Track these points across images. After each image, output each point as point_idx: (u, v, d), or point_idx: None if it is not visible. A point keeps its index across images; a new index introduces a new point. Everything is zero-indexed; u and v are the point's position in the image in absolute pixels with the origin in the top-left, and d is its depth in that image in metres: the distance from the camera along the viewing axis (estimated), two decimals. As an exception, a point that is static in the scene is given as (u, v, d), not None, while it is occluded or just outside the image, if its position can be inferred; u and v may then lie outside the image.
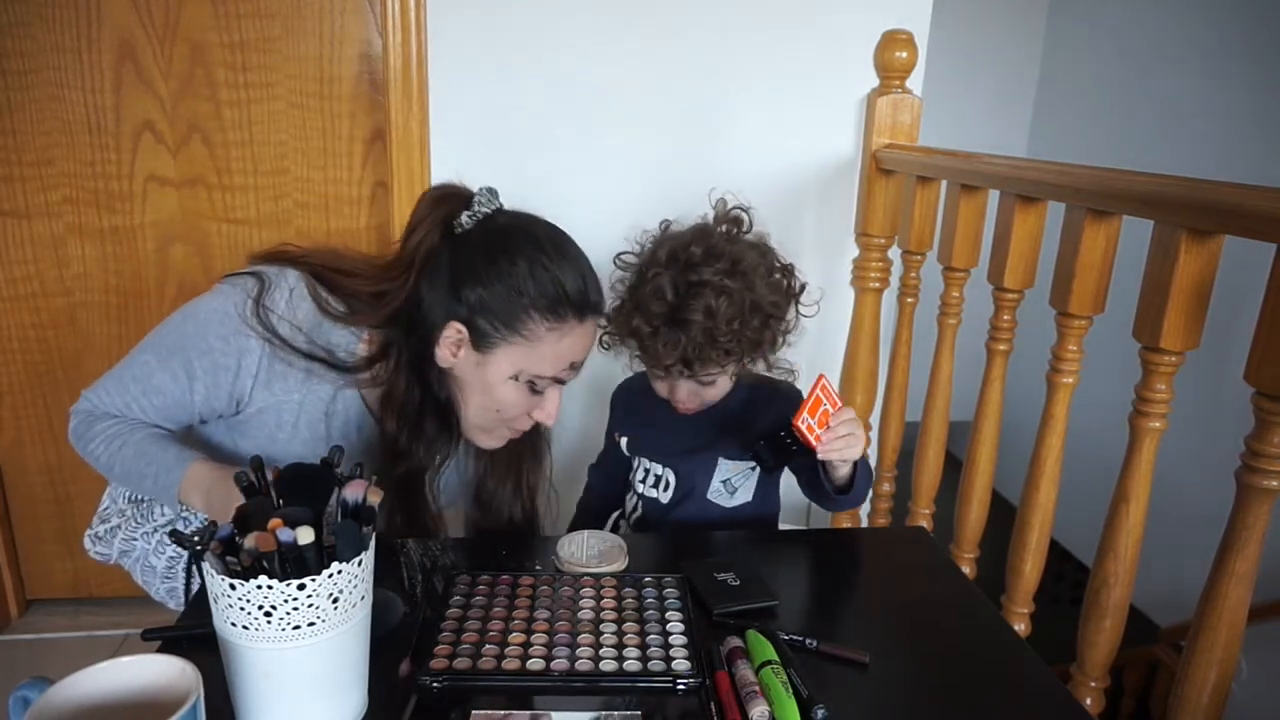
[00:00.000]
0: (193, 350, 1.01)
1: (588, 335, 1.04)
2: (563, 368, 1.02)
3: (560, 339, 1.00)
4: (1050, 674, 0.84)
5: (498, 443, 1.10)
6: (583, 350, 1.04)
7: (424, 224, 1.02)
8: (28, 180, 1.73)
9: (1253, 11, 2.46)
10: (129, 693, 0.62)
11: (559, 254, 1.00)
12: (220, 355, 1.00)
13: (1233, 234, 0.87)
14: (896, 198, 1.62)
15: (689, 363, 1.04)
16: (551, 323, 0.99)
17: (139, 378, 1.03)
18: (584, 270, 1.02)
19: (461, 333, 1.00)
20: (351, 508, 0.73)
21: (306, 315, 1.02)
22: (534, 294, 0.98)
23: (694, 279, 1.02)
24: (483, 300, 0.98)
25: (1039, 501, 1.18)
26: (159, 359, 1.02)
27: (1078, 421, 1.19)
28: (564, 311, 0.99)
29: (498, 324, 0.99)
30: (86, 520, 1.96)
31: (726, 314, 1.02)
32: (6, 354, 1.83)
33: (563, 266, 0.99)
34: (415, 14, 1.59)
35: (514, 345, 1.00)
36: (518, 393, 1.03)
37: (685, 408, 1.13)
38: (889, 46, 1.56)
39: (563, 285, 0.98)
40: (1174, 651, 2.32)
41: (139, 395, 1.03)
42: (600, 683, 0.79)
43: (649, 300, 1.04)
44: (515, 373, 1.01)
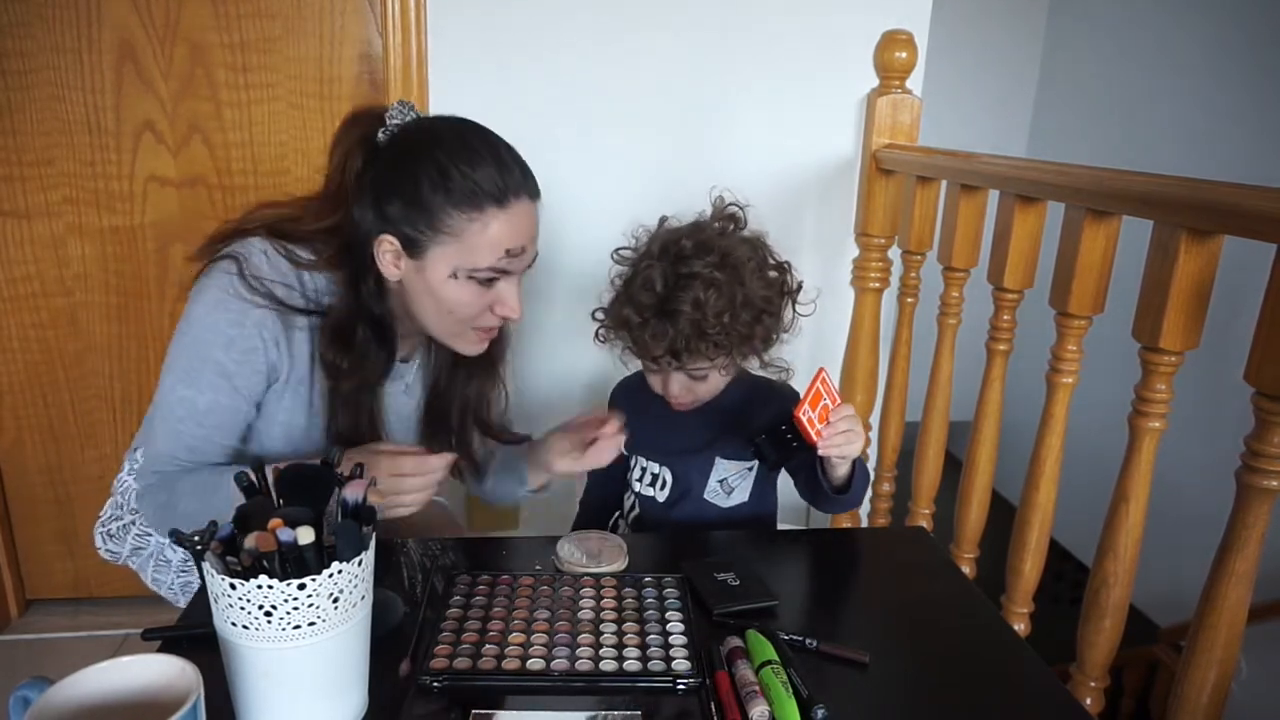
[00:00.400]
0: (215, 351, 1.00)
1: (516, 220, 1.01)
2: (499, 257, 1.01)
3: (485, 228, 0.99)
4: (1050, 674, 0.84)
5: (473, 346, 1.09)
6: (514, 236, 1.01)
7: (341, 147, 1.02)
8: (28, 180, 1.73)
9: (1253, 11, 2.46)
10: (129, 693, 0.62)
11: (464, 146, 1.00)
12: (241, 340, 1.00)
13: (1233, 234, 0.87)
14: (896, 198, 1.62)
15: (677, 354, 1.05)
16: (470, 213, 0.98)
17: (185, 415, 1.02)
18: (496, 156, 1.01)
19: (394, 244, 1.01)
20: (351, 508, 0.73)
21: (287, 272, 1.02)
22: (446, 189, 0.98)
23: (684, 271, 1.04)
24: (402, 208, 0.99)
25: (1039, 501, 1.18)
26: (191, 383, 1.01)
27: (1078, 421, 1.19)
28: (480, 200, 0.98)
29: (422, 227, 0.99)
30: (87, 520, 1.96)
31: (715, 307, 1.02)
32: (6, 354, 1.83)
33: (470, 157, 0.99)
34: (415, 14, 1.59)
35: (442, 245, 1.00)
36: (463, 290, 1.02)
37: (679, 402, 1.13)
38: (889, 46, 1.56)
39: (472, 175, 0.98)
40: (1174, 651, 2.32)
41: (194, 429, 1.02)
42: (600, 683, 0.79)
43: (639, 291, 1.05)
44: (452, 270, 1.01)
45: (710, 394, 1.14)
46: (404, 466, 0.95)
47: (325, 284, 1.05)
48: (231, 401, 1.02)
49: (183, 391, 1.02)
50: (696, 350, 1.05)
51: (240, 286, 0.99)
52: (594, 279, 1.20)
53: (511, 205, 1.00)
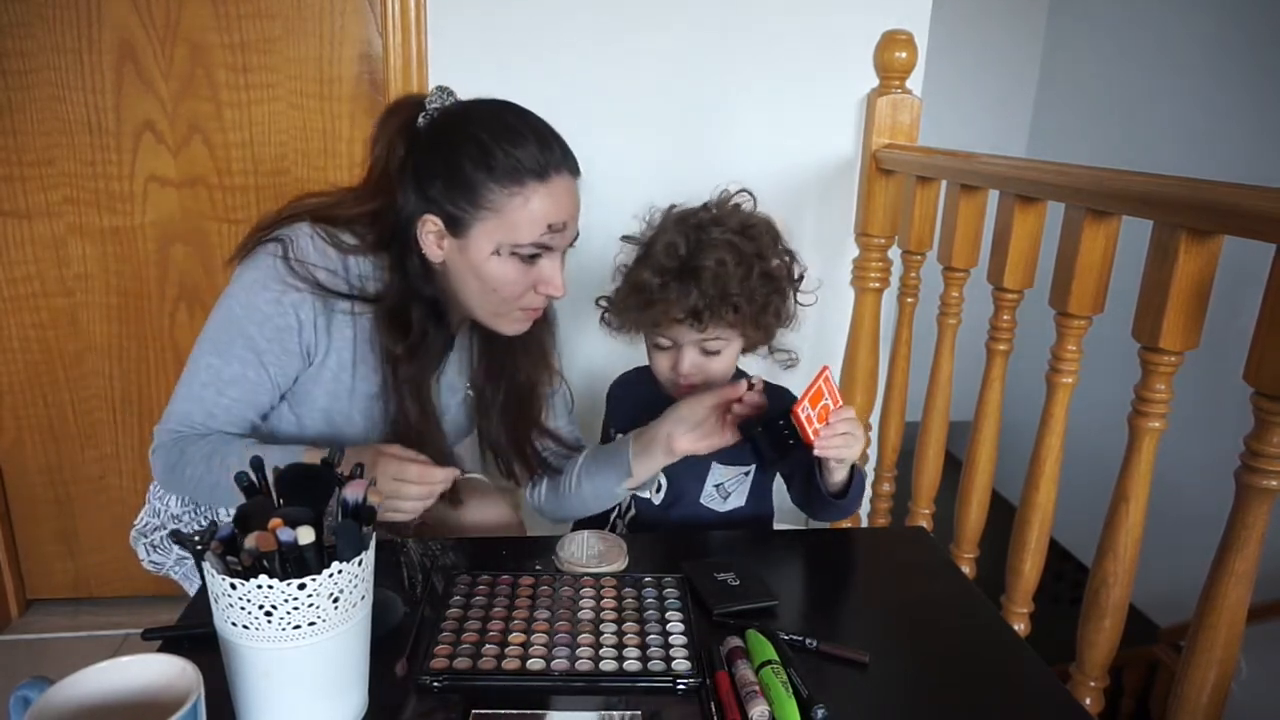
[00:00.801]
0: (249, 326, 1.01)
1: (558, 195, 1.02)
2: (541, 232, 1.02)
3: (527, 203, 1.00)
4: (1050, 674, 0.84)
5: (516, 325, 1.09)
6: (556, 211, 1.02)
7: (383, 137, 1.04)
8: (28, 180, 1.73)
9: (1253, 11, 2.46)
10: (129, 693, 0.62)
11: (505, 125, 1.02)
12: (277, 317, 1.01)
13: (1232, 234, 0.87)
14: (896, 198, 1.62)
15: (699, 315, 1.04)
16: (512, 188, 0.99)
17: (209, 381, 1.03)
18: (535, 131, 1.03)
19: (437, 224, 1.02)
20: (351, 508, 0.73)
21: (333, 257, 1.04)
22: (487, 166, 0.99)
23: (705, 237, 1.05)
24: (444, 187, 1.00)
25: (1039, 501, 1.18)
26: (219, 353, 1.02)
27: (1078, 421, 1.19)
28: (522, 175, 1.00)
29: (464, 204, 1.00)
30: (87, 520, 1.98)
31: (737, 272, 1.03)
32: (7, 354, 1.83)
33: (511, 135, 1.01)
34: (415, 14, 1.59)
35: (484, 221, 1.00)
36: (507, 267, 1.03)
37: (689, 381, 1.10)
38: (889, 46, 1.56)
39: (512, 151, 0.99)
40: (1174, 651, 2.32)
41: (215, 396, 1.03)
42: (600, 683, 0.80)
43: (660, 254, 1.05)
44: (495, 247, 1.01)
45: (721, 373, 1.12)
46: (408, 473, 0.95)
47: (370, 269, 1.06)
48: (257, 376, 1.03)
49: (211, 359, 1.03)
50: (718, 314, 1.04)
51: (283, 269, 1.00)
52: (594, 278, 1.20)
53: (553, 180, 1.01)
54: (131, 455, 1.92)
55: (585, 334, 1.17)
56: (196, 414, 1.03)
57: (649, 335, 1.11)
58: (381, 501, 0.92)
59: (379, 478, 0.94)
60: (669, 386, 1.13)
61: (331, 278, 1.03)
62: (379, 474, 0.94)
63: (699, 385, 1.11)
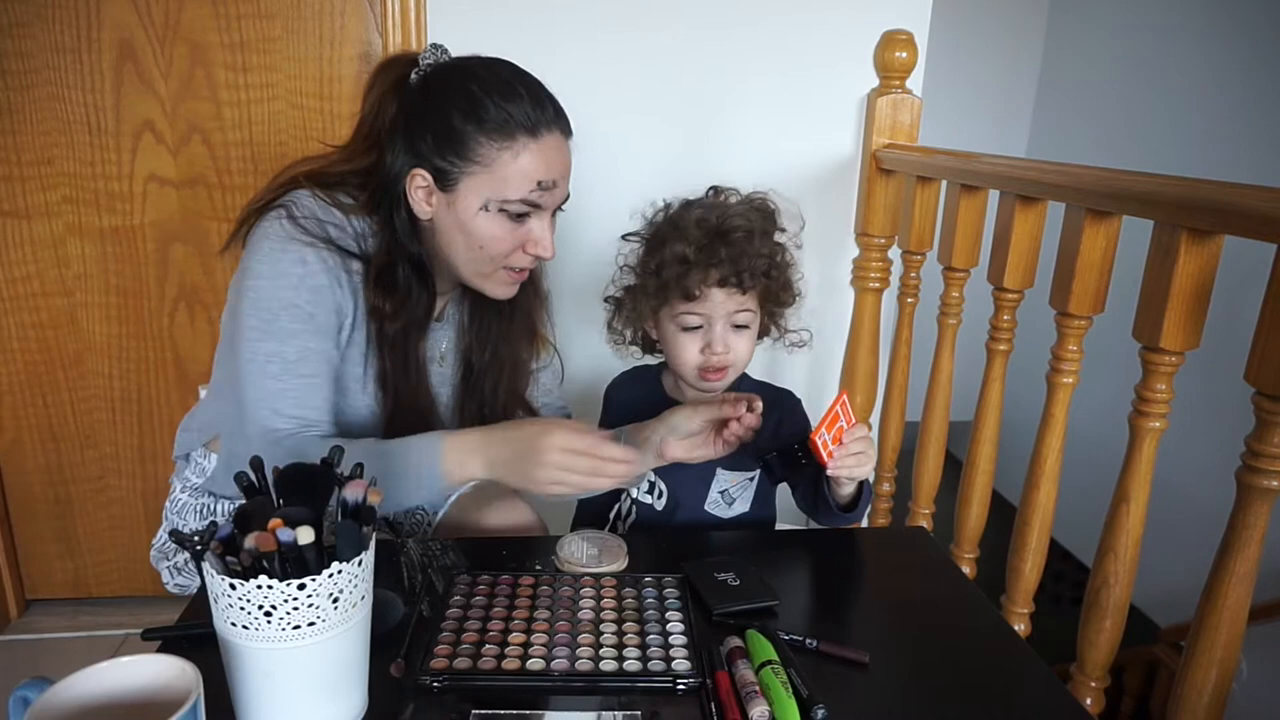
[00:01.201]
0: (286, 293, 0.97)
1: (548, 152, 1.02)
2: (530, 189, 1.01)
3: (516, 157, 1.00)
4: (1050, 674, 0.84)
5: (504, 288, 1.08)
6: (546, 168, 1.02)
7: (374, 92, 1.03)
8: (28, 180, 1.73)
9: (1253, 11, 2.46)
10: (129, 693, 0.62)
11: (497, 79, 1.00)
12: (310, 277, 0.98)
13: (1233, 234, 0.87)
14: (896, 198, 1.62)
15: (739, 276, 1.03)
16: (501, 142, 0.99)
17: (278, 372, 0.97)
18: (528, 87, 1.02)
19: (426, 178, 1.01)
20: (351, 508, 0.73)
21: (337, 216, 1.03)
22: (478, 119, 0.98)
23: (726, 209, 1.07)
24: (434, 141, 0.99)
25: (1039, 501, 1.18)
26: (270, 336, 0.97)
27: (1078, 421, 1.19)
28: (512, 129, 0.99)
29: (452, 158, 0.99)
30: (86, 520, 1.98)
31: (764, 240, 1.05)
32: (6, 354, 1.83)
33: (503, 89, 0.99)
34: (415, 14, 1.59)
35: (473, 175, 1.00)
36: (494, 224, 1.02)
37: (720, 362, 1.07)
38: (889, 46, 1.56)
39: (504, 105, 0.98)
40: (1174, 651, 2.32)
41: (295, 380, 0.98)
42: (600, 683, 0.79)
43: (691, 227, 1.04)
44: (483, 202, 1.01)
45: (743, 362, 1.11)
46: (578, 443, 0.93)
47: (367, 228, 1.05)
48: (320, 345, 0.99)
49: (266, 346, 0.97)
50: (755, 275, 1.04)
51: (293, 229, 0.98)
52: (594, 277, 1.20)
53: (543, 137, 1.01)
54: (131, 455, 1.92)
55: (585, 334, 1.17)
56: (285, 408, 0.97)
57: (675, 319, 1.08)
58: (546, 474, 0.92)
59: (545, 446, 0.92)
60: (694, 376, 1.11)
61: (341, 234, 1.01)
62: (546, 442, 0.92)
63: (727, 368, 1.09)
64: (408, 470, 0.95)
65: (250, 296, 0.98)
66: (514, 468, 0.96)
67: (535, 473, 0.94)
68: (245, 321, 0.98)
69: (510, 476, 0.97)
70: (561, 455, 0.93)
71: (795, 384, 1.86)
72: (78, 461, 1.91)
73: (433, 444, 0.96)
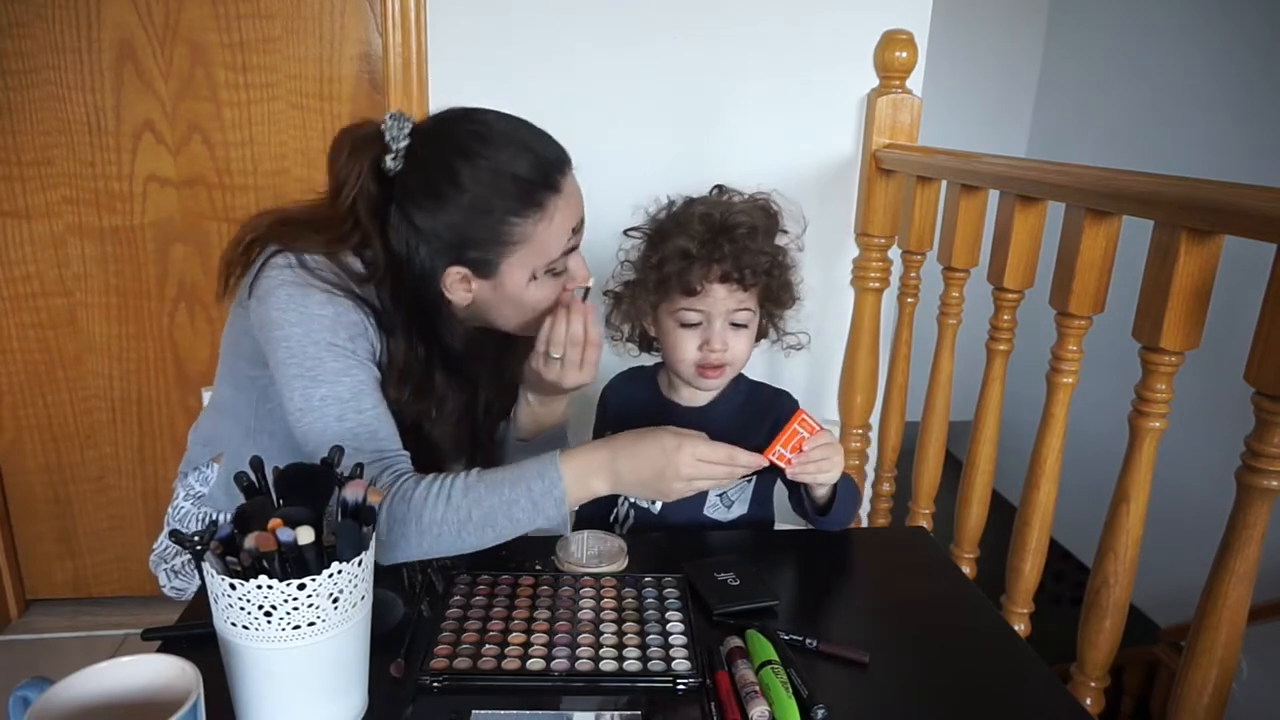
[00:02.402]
0: (323, 334, 0.92)
1: (571, 195, 0.99)
2: (568, 240, 0.99)
3: (551, 220, 0.97)
4: (1050, 674, 0.84)
5: None
6: (576, 211, 1.00)
7: (351, 180, 0.95)
8: (28, 180, 1.73)
9: (1253, 11, 2.46)
10: (129, 693, 0.62)
11: (493, 147, 0.94)
12: (343, 314, 0.94)
13: (1233, 234, 0.87)
14: (896, 198, 1.62)
15: (741, 272, 1.03)
16: (535, 212, 0.95)
17: (339, 413, 0.91)
18: (526, 141, 0.96)
19: (463, 271, 0.98)
20: (351, 508, 0.73)
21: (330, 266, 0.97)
22: (500, 202, 0.94)
23: (729, 207, 1.07)
24: (460, 236, 0.95)
25: (1039, 501, 1.18)
26: (319, 381, 0.92)
27: (1078, 421, 1.19)
28: (536, 194, 0.95)
29: (488, 247, 0.96)
30: (86, 520, 1.98)
31: (765, 238, 1.05)
32: (6, 354, 1.83)
33: (505, 157, 0.94)
34: (415, 14, 1.59)
35: (515, 254, 0.97)
36: (545, 287, 1.00)
37: (718, 359, 1.07)
38: (889, 46, 1.56)
39: (519, 176, 0.94)
40: (1174, 651, 2.32)
41: (357, 416, 0.92)
42: (600, 683, 0.79)
43: (695, 222, 1.04)
44: (531, 273, 0.99)
45: (740, 362, 1.11)
46: (717, 454, 0.93)
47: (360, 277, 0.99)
48: (368, 377, 0.94)
49: (321, 391, 0.92)
50: (756, 272, 1.04)
51: (308, 276, 0.93)
52: (595, 277, 1.19)
53: (563, 184, 0.98)
54: (131, 455, 1.92)
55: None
56: (364, 445, 0.92)
57: (674, 315, 1.08)
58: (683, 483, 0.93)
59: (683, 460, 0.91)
60: (692, 374, 1.11)
61: (342, 279, 0.96)
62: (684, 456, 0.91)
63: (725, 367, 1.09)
64: (530, 498, 0.91)
65: (285, 347, 0.92)
66: (647, 484, 0.94)
67: (670, 487, 0.94)
68: (287, 373, 0.92)
69: (639, 491, 0.97)
70: (697, 467, 0.93)
71: (795, 384, 1.86)
72: (78, 461, 1.91)
73: (549, 469, 0.92)
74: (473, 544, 0.92)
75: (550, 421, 1.15)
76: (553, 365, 1.03)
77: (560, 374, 1.04)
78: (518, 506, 0.91)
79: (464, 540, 0.91)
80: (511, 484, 0.91)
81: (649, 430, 0.95)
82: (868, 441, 1.76)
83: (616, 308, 1.15)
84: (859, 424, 1.73)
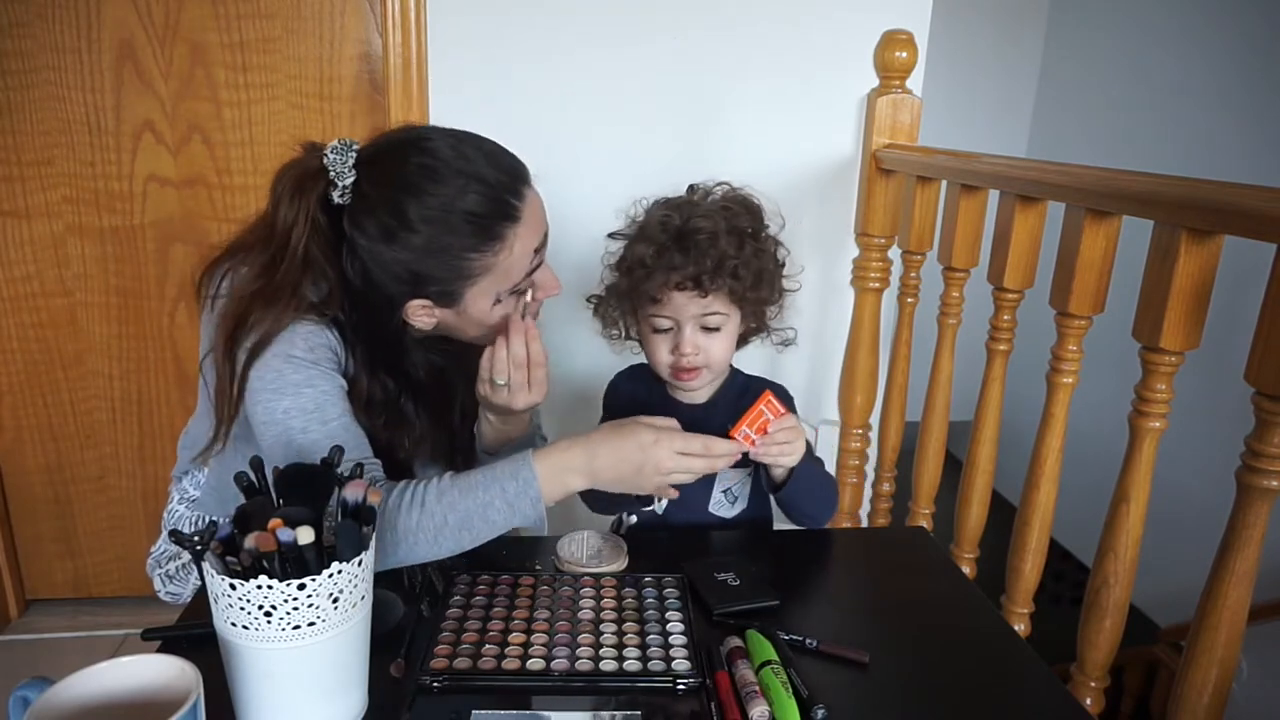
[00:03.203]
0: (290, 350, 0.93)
1: (532, 219, 0.97)
2: (530, 261, 0.98)
3: (510, 248, 0.95)
4: (1050, 674, 0.84)
5: None
6: (537, 232, 0.98)
7: (300, 219, 0.93)
8: (28, 180, 1.73)
9: (1253, 12, 2.46)
10: (129, 693, 0.62)
11: (441, 183, 0.91)
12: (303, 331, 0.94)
13: (1233, 234, 0.87)
14: (896, 198, 1.62)
15: (699, 280, 1.02)
16: (493, 245, 0.94)
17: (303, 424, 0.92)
18: (477, 171, 0.93)
19: (424, 304, 0.97)
20: (351, 508, 0.73)
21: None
22: (456, 240, 0.92)
23: (694, 210, 1.05)
24: (416, 274, 0.94)
25: (1039, 501, 1.18)
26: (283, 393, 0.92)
27: (1078, 421, 1.19)
28: (493, 228, 0.93)
29: (448, 282, 0.95)
30: (86, 520, 1.98)
31: (730, 240, 1.02)
32: (6, 354, 1.83)
33: (454, 192, 0.91)
34: (415, 14, 1.59)
35: (476, 284, 0.96)
36: (509, 305, 1.00)
37: (690, 363, 1.07)
38: (889, 46, 1.56)
39: (472, 212, 0.92)
40: (1174, 651, 2.32)
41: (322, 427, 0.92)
42: (600, 683, 0.80)
43: (654, 228, 1.04)
44: (495, 298, 0.98)
45: (718, 363, 1.10)
46: (693, 446, 0.95)
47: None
48: (331, 386, 0.94)
49: (283, 403, 0.92)
50: (718, 279, 1.02)
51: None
52: (592, 278, 1.20)
53: (523, 211, 0.96)
54: (131, 455, 1.92)
55: (581, 335, 1.16)
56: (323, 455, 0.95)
57: (647, 320, 1.09)
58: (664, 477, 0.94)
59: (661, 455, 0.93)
60: (668, 375, 1.11)
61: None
62: (662, 451, 0.93)
63: (699, 370, 1.09)
64: (504, 499, 0.91)
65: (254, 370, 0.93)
66: (626, 479, 0.95)
67: (649, 481, 0.95)
68: (250, 386, 0.93)
69: (617, 485, 0.96)
70: (676, 460, 0.94)
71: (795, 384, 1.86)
72: (78, 461, 1.91)
73: (522, 469, 0.92)
74: (450, 549, 0.91)
75: (516, 434, 1.13)
76: (499, 390, 1.02)
77: (509, 398, 1.02)
78: (493, 508, 0.91)
79: (440, 545, 0.91)
80: (485, 486, 0.91)
81: (625, 426, 0.96)
82: (868, 441, 1.75)
83: (596, 311, 1.16)
84: (859, 424, 1.73)
